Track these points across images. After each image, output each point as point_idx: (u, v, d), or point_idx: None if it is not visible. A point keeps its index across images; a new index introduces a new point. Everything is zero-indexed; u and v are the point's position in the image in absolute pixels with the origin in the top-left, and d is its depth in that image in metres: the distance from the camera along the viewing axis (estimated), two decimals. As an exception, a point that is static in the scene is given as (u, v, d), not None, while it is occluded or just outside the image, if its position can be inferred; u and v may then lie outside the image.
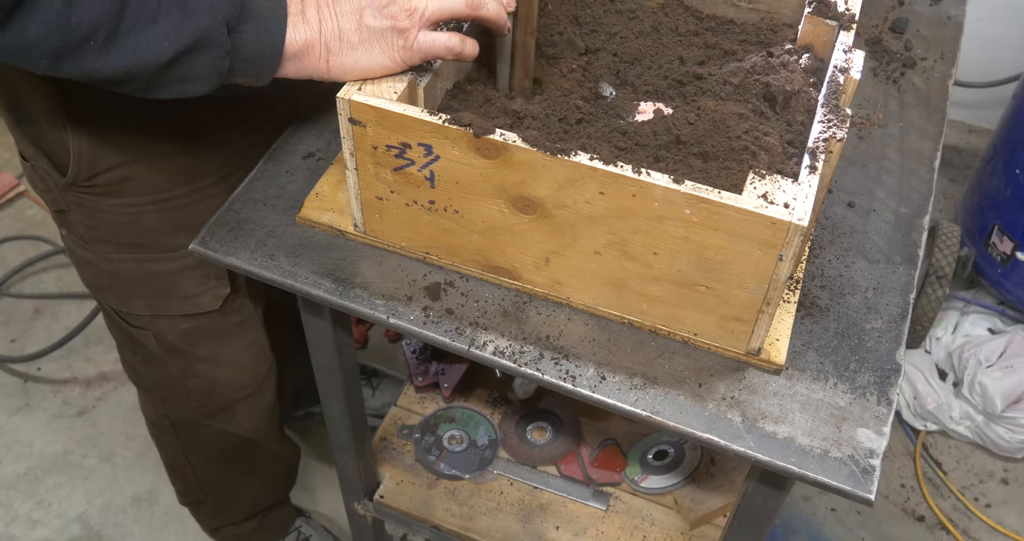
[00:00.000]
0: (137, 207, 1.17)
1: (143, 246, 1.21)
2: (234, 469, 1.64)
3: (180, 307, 1.28)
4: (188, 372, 1.38)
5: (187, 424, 1.52)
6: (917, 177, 1.14)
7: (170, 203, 1.18)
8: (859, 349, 0.96)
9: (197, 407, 1.45)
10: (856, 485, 0.86)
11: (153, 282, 1.25)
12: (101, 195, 1.15)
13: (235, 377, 1.41)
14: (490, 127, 0.84)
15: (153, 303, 1.28)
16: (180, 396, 1.44)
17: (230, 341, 1.36)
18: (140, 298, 1.28)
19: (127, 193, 1.15)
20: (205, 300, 1.28)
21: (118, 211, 1.17)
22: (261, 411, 1.51)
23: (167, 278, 1.25)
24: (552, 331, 0.96)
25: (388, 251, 1.03)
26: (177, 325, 1.31)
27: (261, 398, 1.48)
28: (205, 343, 1.34)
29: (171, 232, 1.20)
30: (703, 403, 0.91)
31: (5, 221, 2.55)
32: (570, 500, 1.53)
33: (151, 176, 1.15)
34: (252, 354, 1.40)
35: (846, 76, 0.91)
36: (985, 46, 2.36)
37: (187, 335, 1.32)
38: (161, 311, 1.29)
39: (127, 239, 1.21)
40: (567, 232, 0.90)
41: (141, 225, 1.19)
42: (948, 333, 2.21)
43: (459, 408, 1.62)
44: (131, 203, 1.17)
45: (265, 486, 1.75)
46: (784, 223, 0.78)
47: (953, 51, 1.34)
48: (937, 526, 2.02)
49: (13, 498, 2.01)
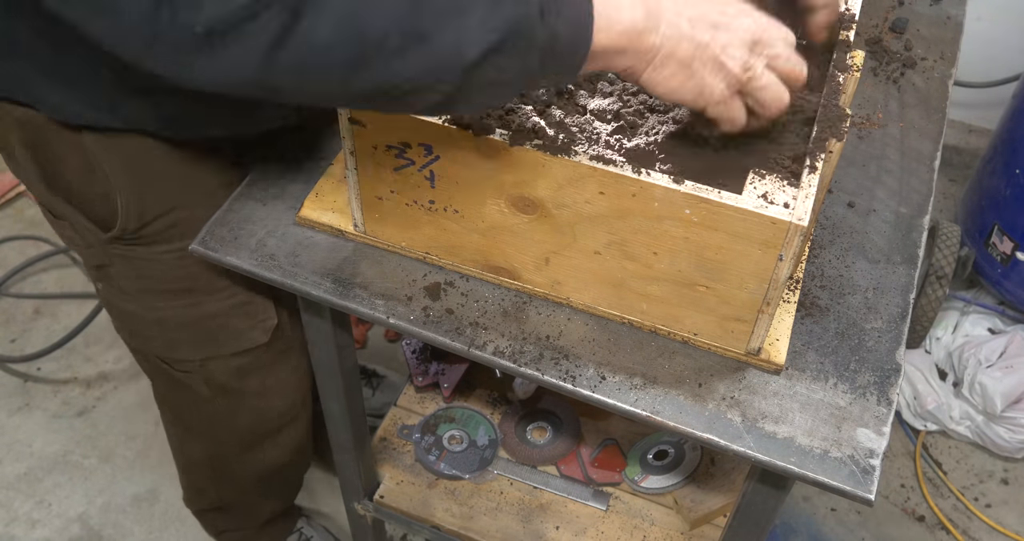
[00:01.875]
0: (181, 251, 1.12)
1: (191, 290, 1.18)
2: (259, 492, 1.63)
3: (232, 346, 1.25)
4: (238, 408, 1.36)
5: (226, 459, 1.49)
6: (917, 177, 1.14)
7: None
8: (859, 349, 0.96)
9: (242, 441, 1.43)
10: (856, 485, 0.86)
11: (202, 325, 1.21)
12: (147, 245, 1.12)
13: (282, 404, 1.39)
14: (490, 127, 0.84)
15: (204, 346, 1.25)
16: (227, 432, 1.41)
17: (277, 370, 1.33)
18: (190, 343, 1.24)
19: (176, 238, 1.12)
20: (255, 334, 1.25)
21: (164, 259, 1.14)
22: (302, 432, 1.49)
23: (217, 319, 1.21)
24: (552, 331, 0.96)
25: (388, 251, 1.03)
26: (228, 364, 1.27)
27: (303, 419, 1.46)
28: (254, 377, 1.31)
29: (215, 272, 1.16)
30: (703, 403, 0.91)
31: (5, 221, 2.55)
32: (570, 500, 1.53)
33: (198, 217, 1.10)
34: (296, 379, 1.38)
35: (846, 76, 0.91)
36: (985, 46, 2.36)
37: (238, 372, 1.29)
38: (213, 353, 1.25)
39: (174, 285, 1.17)
40: (567, 232, 0.90)
41: (188, 269, 1.15)
42: (948, 333, 2.21)
43: (459, 408, 1.62)
44: (177, 248, 1.12)
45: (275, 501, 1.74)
46: (784, 223, 0.78)
47: (953, 51, 1.34)
48: (937, 526, 2.02)
49: (13, 498, 2.01)
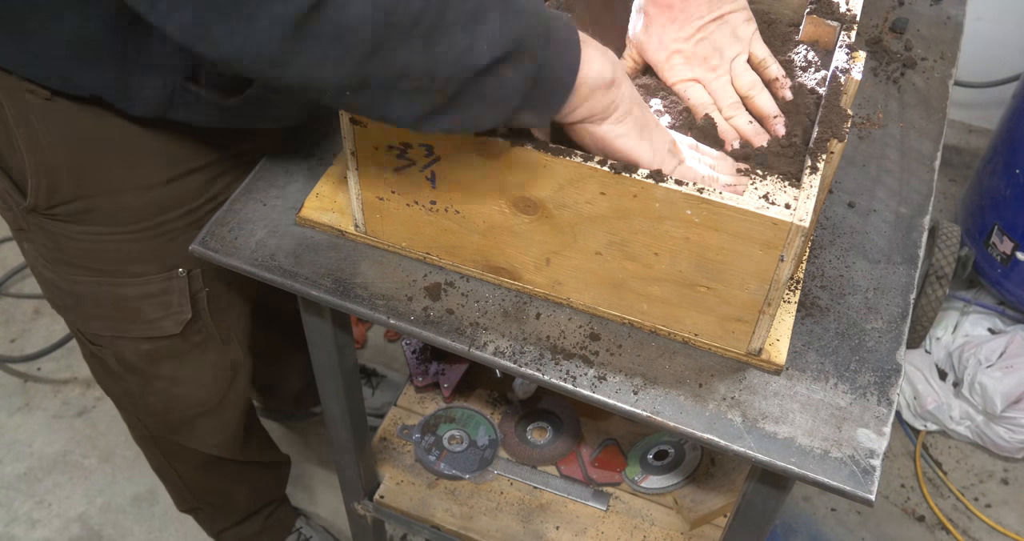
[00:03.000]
0: (99, 236, 1.14)
1: (106, 272, 1.19)
2: (218, 477, 1.64)
3: (141, 330, 1.26)
4: (147, 389, 1.37)
5: (160, 440, 1.51)
6: (917, 177, 1.14)
7: (133, 235, 1.16)
8: (859, 349, 0.96)
9: (158, 422, 1.45)
10: (856, 485, 0.86)
11: (115, 305, 1.23)
12: (62, 221, 1.13)
13: (194, 395, 1.40)
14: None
15: (115, 325, 1.26)
16: (142, 410, 1.44)
17: (190, 361, 1.34)
18: (102, 320, 1.26)
19: (89, 222, 1.13)
20: (166, 325, 1.26)
21: (80, 238, 1.15)
22: (224, 427, 1.49)
23: (130, 303, 1.23)
24: (552, 331, 0.96)
25: (388, 251, 1.03)
26: (138, 346, 1.29)
27: (223, 414, 1.46)
28: (165, 363, 1.33)
29: (135, 260, 1.18)
30: (703, 403, 0.91)
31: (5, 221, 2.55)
32: (570, 500, 1.53)
33: (112, 210, 1.12)
34: (212, 372, 1.39)
35: (847, 77, 0.91)
36: (985, 46, 2.36)
37: (147, 356, 1.31)
38: (123, 333, 1.27)
39: (89, 264, 1.18)
40: (568, 232, 0.90)
41: (103, 252, 1.16)
42: (948, 333, 2.21)
43: (459, 408, 1.62)
44: (93, 232, 1.14)
45: (253, 490, 1.75)
46: (785, 224, 0.78)
47: (953, 51, 1.34)
48: (937, 526, 2.02)
49: (13, 498, 2.01)
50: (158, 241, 1.17)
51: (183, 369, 1.35)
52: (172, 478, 1.65)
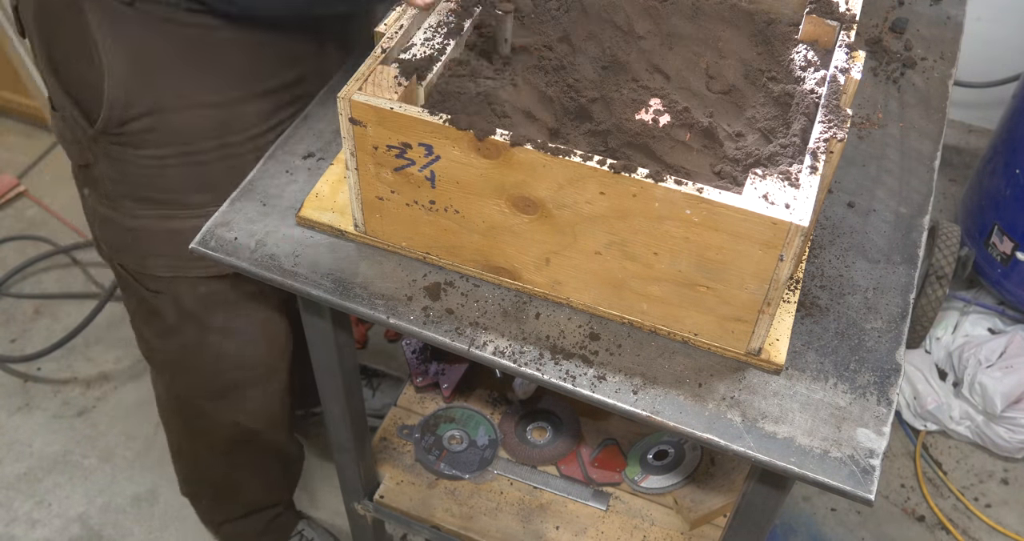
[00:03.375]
0: (163, 159, 1.17)
1: (167, 203, 1.22)
2: (236, 462, 1.63)
3: (199, 269, 1.28)
4: (202, 341, 1.38)
5: (194, 406, 1.51)
6: (917, 177, 1.14)
7: (196, 157, 1.18)
8: (859, 349, 0.96)
9: (207, 384, 1.45)
10: (856, 485, 0.86)
11: (174, 241, 1.24)
12: (128, 145, 1.16)
13: (245, 352, 1.41)
14: (491, 128, 0.84)
15: (174, 263, 1.28)
16: (191, 372, 1.44)
17: (243, 311, 1.36)
18: (161, 257, 1.28)
19: (155, 144, 1.16)
20: None
21: (144, 163, 1.18)
22: (270, 398, 1.50)
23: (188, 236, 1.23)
24: (552, 331, 0.96)
25: (388, 251, 1.03)
26: (195, 288, 1.31)
27: (271, 384, 1.48)
28: (219, 311, 1.35)
29: (195, 188, 1.21)
30: (703, 403, 0.91)
31: (5, 221, 2.55)
32: (570, 500, 1.53)
33: (180, 126, 1.15)
34: (264, 331, 1.40)
35: (847, 76, 0.91)
36: (985, 46, 2.36)
37: (203, 300, 1.33)
38: (181, 272, 1.29)
39: (152, 193, 1.21)
40: (567, 232, 0.90)
41: (166, 179, 1.19)
42: (948, 333, 2.21)
43: (459, 408, 1.62)
44: (158, 155, 1.17)
45: (264, 484, 1.74)
46: (785, 223, 0.78)
47: (953, 51, 1.34)
48: (937, 526, 2.02)
49: (13, 498, 2.01)
50: (221, 166, 1.19)
51: (236, 320, 1.36)
52: (187, 455, 1.65)
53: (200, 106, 1.15)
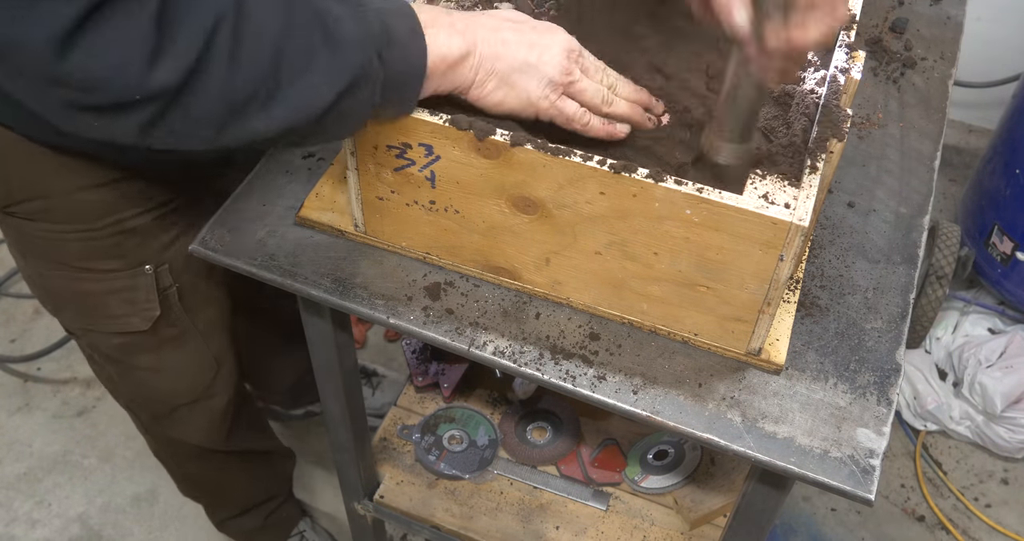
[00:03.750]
0: (60, 234, 1.14)
1: (70, 266, 1.19)
2: (210, 468, 1.64)
3: (109, 325, 1.26)
4: (126, 378, 1.37)
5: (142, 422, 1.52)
6: (917, 177, 1.14)
7: (94, 233, 1.15)
8: (859, 349, 0.96)
9: (144, 410, 1.45)
10: (856, 485, 0.86)
11: (82, 300, 1.23)
12: (22, 219, 1.13)
13: (175, 385, 1.40)
14: (491, 128, 0.84)
15: (83, 319, 1.27)
16: (127, 395, 1.44)
17: (168, 354, 1.34)
18: (71, 311, 1.27)
19: (47, 220, 1.13)
20: (134, 321, 1.26)
21: (41, 235, 1.15)
22: (209, 417, 1.48)
23: (95, 298, 1.22)
24: (552, 331, 0.96)
25: (388, 251, 1.03)
26: (109, 340, 1.29)
27: (208, 404, 1.46)
28: (141, 356, 1.33)
29: (96, 257, 1.18)
30: (703, 403, 0.91)
31: (5, 221, 2.55)
32: (570, 500, 1.53)
33: (72, 208, 1.12)
34: (194, 364, 1.38)
35: (847, 76, 0.91)
36: (985, 46, 2.36)
37: (121, 348, 1.31)
38: (93, 327, 1.27)
39: (53, 258, 1.18)
40: (567, 232, 0.90)
41: (65, 249, 1.16)
42: (948, 333, 2.21)
43: (459, 408, 1.62)
44: (52, 230, 1.14)
45: (250, 483, 1.75)
46: (785, 223, 0.78)
47: (953, 51, 1.34)
48: (937, 526, 2.02)
49: (13, 498, 2.01)
50: (120, 238, 1.17)
51: (162, 360, 1.35)
52: (170, 466, 1.66)
53: (85, 189, 1.11)
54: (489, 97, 0.86)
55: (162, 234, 1.21)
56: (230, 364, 1.45)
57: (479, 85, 0.86)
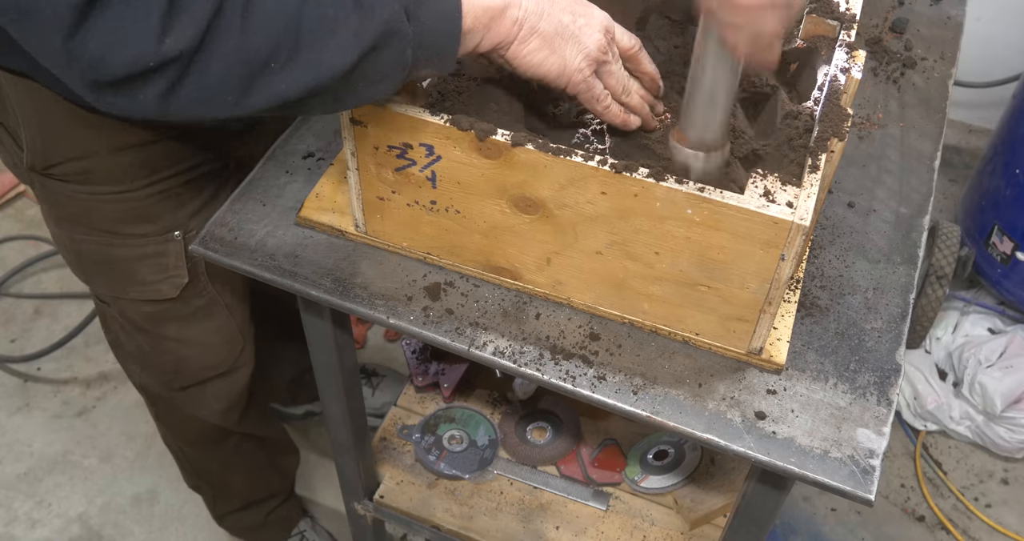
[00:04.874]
0: (95, 195, 1.17)
1: (103, 231, 1.22)
2: (218, 455, 1.65)
3: (139, 292, 1.29)
4: (157, 348, 1.39)
5: (162, 399, 1.53)
6: (917, 177, 1.14)
7: (129, 194, 1.18)
8: (859, 349, 0.96)
9: (168, 381, 1.46)
10: (856, 485, 0.86)
11: (113, 266, 1.26)
12: (59, 181, 1.16)
13: (204, 357, 1.42)
14: (492, 129, 0.84)
15: (114, 286, 1.29)
16: (153, 368, 1.45)
17: (195, 324, 1.37)
18: (102, 279, 1.29)
19: (85, 182, 1.16)
20: (163, 288, 1.29)
21: (77, 197, 1.18)
22: (231, 393, 1.50)
23: (126, 264, 1.25)
24: (552, 331, 0.96)
25: (388, 251, 1.03)
26: (140, 308, 1.32)
27: (232, 379, 1.48)
28: (170, 324, 1.35)
29: (130, 221, 1.21)
30: (703, 403, 0.91)
31: (5, 221, 2.55)
32: (570, 500, 1.53)
33: (110, 169, 1.14)
34: (222, 337, 1.41)
35: (847, 76, 0.91)
36: (985, 46, 2.36)
37: (151, 317, 1.33)
38: (122, 294, 1.30)
39: (87, 222, 1.21)
40: (569, 232, 0.90)
41: (101, 212, 1.19)
42: (948, 333, 2.21)
43: (459, 408, 1.62)
44: (89, 191, 1.17)
45: (254, 476, 1.75)
46: (786, 223, 0.78)
47: (953, 51, 1.34)
48: (937, 526, 2.02)
49: (13, 498, 2.01)
50: (154, 200, 1.19)
51: (189, 330, 1.37)
52: (174, 450, 1.68)
53: (124, 149, 1.13)
54: (529, 57, 0.83)
55: (190, 201, 1.23)
56: (251, 338, 1.47)
57: (522, 41, 0.82)
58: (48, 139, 1.10)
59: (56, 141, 1.11)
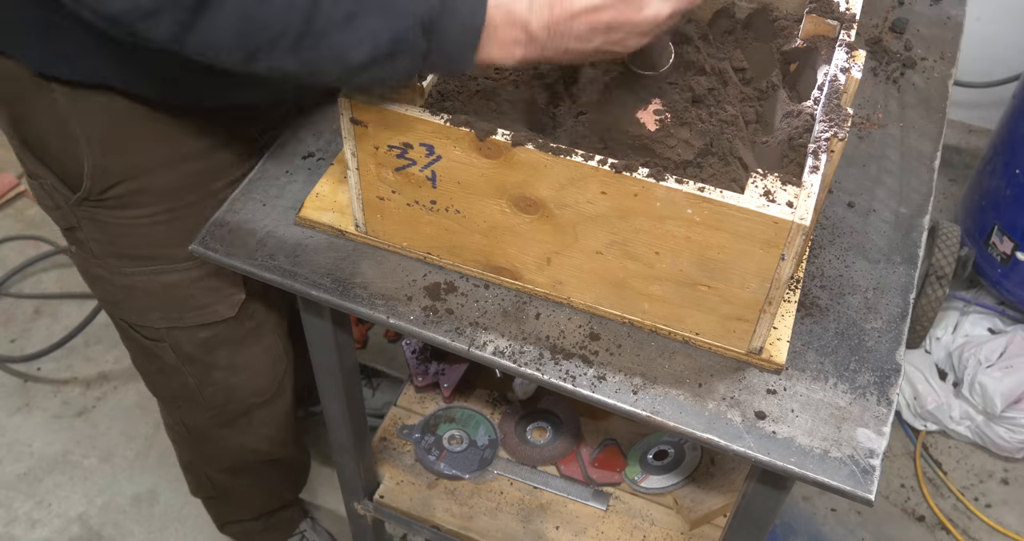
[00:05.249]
0: (149, 217, 1.16)
1: (156, 258, 1.20)
2: (244, 476, 1.63)
3: (196, 318, 1.27)
4: (205, 381, 1.37)
5: (203, 433, 1.50)
6: (917, 177, 1.15)
7: (181, 210, 1.17)
8: (859, 349, 0.96)
9: (215, 416, 1.44)
10: (856, 485, 0.86)
11: (168, 294, 1.23)
12: (114, 208, 1.14)
13: (253, 383, 1.40)
14: (492, 128, 0.84)
15: (169, 315, 1.26)
16: (197, 405, 1.42)
17: (247, 347, 1.35)
18: (156, 311, 1.26)
19: (139, 204, 1.14)
20: (221, 308, 1.27)
21: (130, 223, 1.16)
22: (277, 417, 1.49)
23: (181, 290, 1.23)
24: (552, 331, 0.96)
25: (388, 251, 1.03)
26: (195, 335, 1.29)
27: (278, 403, 1.46)
28: (222, 351, 1.33)
29: (183, 241, 1.17)
30: (703, 403, 0.91)
31: (5, 221, 2.55)
32: (570, 500, 1.53)
33: (164, 184, 1.13)
34: (269, 359, 1.39)
35: (847, 76, 0.91)
36: (985, 46, 2.36)
37: (204, 344, 1.31)
38: (177, 323, 1.27)
39: (140, 251, 1.19)
40: (569, 232, 0.90)
41: (154, 236, 1.18)
42: (948, 333, 2.21)
43: (459, 408, 1.62)
44: (143, 214, 1.15)
45: (276, 491, 1.75)
46: (786, 222, 0.78)
47: (953, 51, 1.34)
48: (937, 526, 2.02)
49: (13, 498, 2.01)
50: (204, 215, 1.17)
51: (239, 356, 1.35)
52: (198, 471, 1.65)
53: (178, 161, 1.13)
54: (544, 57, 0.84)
55: None
56: (291, 359, 1.45)
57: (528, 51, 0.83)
58: (110, 156, 1.09)
59: (118, 157, 1.09)
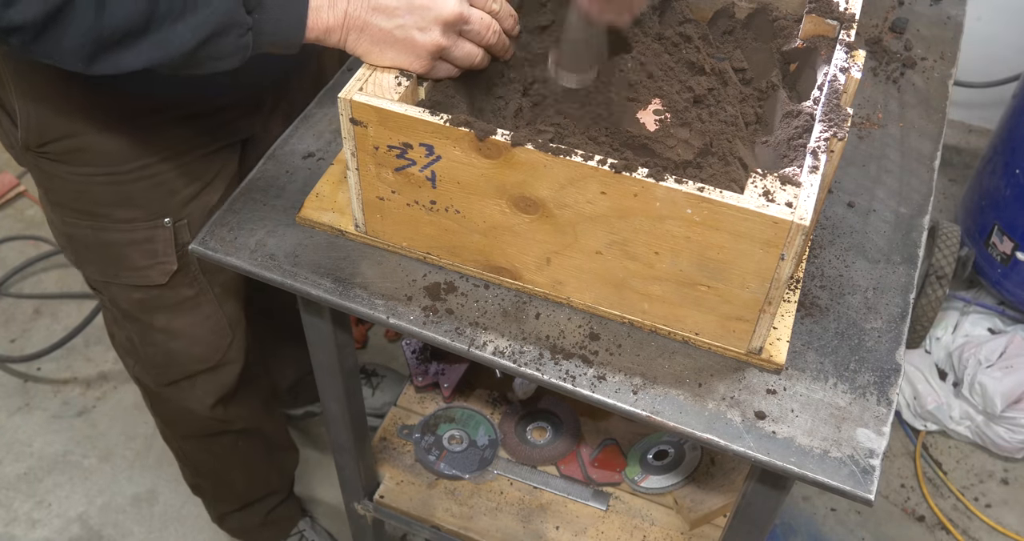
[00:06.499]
0: (88, 177, 1.19)
1: (95, 214, 1.23)
2: (214, 450, 1.65)
3: (131, 278, 1.30)
4: (146, 340, 1.40)
5: (150, 391, 1.53)
6: (917, 177, 1.15)
7: (120, 176, 1.19)
8: (859, 349, 0.96)
9: (158, 375, 1.47)
10: (856, 485, 0.86)
11: (104, 250, 1.27)
12: (54, 161, 1.17)
13: (192, 350, 1.43)
14: (492, 128, 0.84)
15: (105, 271, 1.31)
16: (140, 361, 1.46)
17: (183, 314, 1.37)
18: (93, 264, 1.31)
19: (78, 162, 1.17)
20: (152, 274, 1.30)
21: (70, 179, 1.19)
22: (221, 388, 1.50)
23: (116, 248, 1.27)
24: (552, 331, 0.96)
25: (388, 251, 1.03)
26: (129, 294, 1.33)
27: (221, 374, 1.48)
28: (160, 314, 1.36)
29: (120, 205, 1.22)
30: (703, 403, 0.91)
31: (5, 221, 2.55)
32: (570, 500, 1.53)
33: (102, 148, 1.16)
34: (208, 328, 1.41)
35: (847, 76, 0.91)
36: (985, 46, 2.36)
37: (140, 305, 1.35)
38: (113, 279, 1.31)
39: (80, 206, 1.23)
40: (568, 232, 0.90)
41: (92, 194, 1.21)
42: (948, 333, 2.21)
43: (459, 408, 1.62)
44: (82, 172, 1.18)
45: (253, 473, 1.75)
46: (786, 222, 0.78)
47: (953, 51, 1.34)
48: (937, 526, 2.02)
49: (13, 498, 2.01)
50: (145, 185, 1.21)
51: (177, 321, 1.37)
52: (173, 447, 1.68)
53: (120, 130, 1.15)
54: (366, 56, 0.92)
55: (183, 188, 1.24)
56: (242, 333, 1.47)
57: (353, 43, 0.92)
58: (42, 115, 1.12)
59: (50, 117, 1.12)
